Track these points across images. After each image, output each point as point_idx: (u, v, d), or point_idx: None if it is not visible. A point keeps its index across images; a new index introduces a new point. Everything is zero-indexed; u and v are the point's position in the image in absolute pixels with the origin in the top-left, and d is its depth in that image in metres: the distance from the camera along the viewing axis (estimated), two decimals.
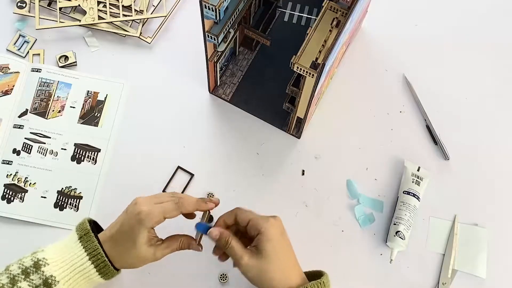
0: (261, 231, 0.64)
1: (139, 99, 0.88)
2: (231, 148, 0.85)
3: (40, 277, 0.63)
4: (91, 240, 0.65)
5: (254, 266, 0.63)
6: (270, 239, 0.63)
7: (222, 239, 0.65)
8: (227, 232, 0.66)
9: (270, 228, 0.64)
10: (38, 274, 0.63)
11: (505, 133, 0.88)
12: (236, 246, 0.64)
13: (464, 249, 0.80)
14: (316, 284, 0.63)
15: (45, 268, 0.63)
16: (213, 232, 0.66)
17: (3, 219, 0.80)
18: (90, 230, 0.66)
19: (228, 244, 0.65)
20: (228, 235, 0.65)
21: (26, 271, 0.63)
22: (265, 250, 0.63)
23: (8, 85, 0.87)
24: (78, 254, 0.64)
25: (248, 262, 0.63)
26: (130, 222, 0.64)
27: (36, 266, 0.63)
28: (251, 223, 0.65)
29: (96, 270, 0.64)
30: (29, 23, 0.92)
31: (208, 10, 0.66)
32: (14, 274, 0.63)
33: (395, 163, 0.85)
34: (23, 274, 0.63)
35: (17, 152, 0.83)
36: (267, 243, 0.63)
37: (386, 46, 0.93)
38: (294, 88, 0.74)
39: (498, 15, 0.96)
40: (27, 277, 0.63)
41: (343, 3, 0.70)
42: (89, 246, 0.64)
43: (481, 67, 0.92)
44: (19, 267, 0.64)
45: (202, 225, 0.67)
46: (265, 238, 0.63)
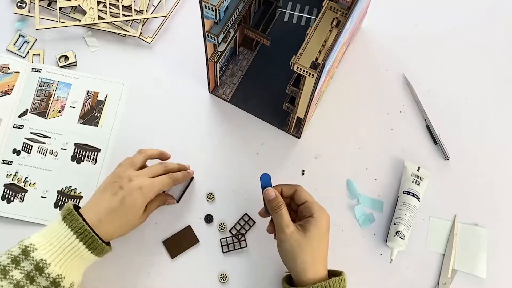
0: (314, 215, 0.68)
1: (139, 99, 0.88)
2: (231, 148, 0.85)
3: (30, 263, 0.63)
4: (75, 219, 0.66)
5: (296, 239, 0.67)
6: (319, 226, 0.67)
7: (275, 202, 0.69)
8: (281, 199, 0.70)
9: (322, 217, 0.68)
10: (28, 260, 0.63)
11: (505, 133, 0.88)
12: (285, 214, 0.68)
13: (464, 249, 0.80)
14: (338, 280, 0.66)
15: (34, 253, 0.64)
16: (270, 192, 0.70)
17: (3, 219, 0.80)
18: (72, 209, 0.67)
19: (279, 209, 0.69)
20: (281, 202, 0.69)
21: (15, 260, 0.63)
22: (310, 232, 0.67)
23: (8, 85, 0.87)
24: (64, 234, 0.65)
25: (292, 234, 0.67)
26: (133, 197, 0.69)
27: (24, 253, 0.64)
28: (307, 204, 0.69)
29: (85, 247, 0.65)
30: (29, 23, 0.92)
31: (208, 10, 0.66)
32: (4, 265, 0.63)
33: (395, 163, 0.85)
34: (13, 263, 0.63)
35: (17, 152, 0.83)
36: (315, 228, 0.67)
37: (386, 46, 0.93)
38: (294, 88, 0.74)
39: (498, 15, 0.96)
40: (18, 265, 0.63)
41: (343, 3, 0.70)
42: (75, 224, 0.65)
43: (481, 67, 0.92)
44: (8, 257, 0.64)
45: (266, 178, 0.71)
46: (315, 223, 0.67)
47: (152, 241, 0.79)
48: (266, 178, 0.71)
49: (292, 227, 0.67)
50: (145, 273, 0.77)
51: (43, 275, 0.63)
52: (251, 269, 0.78)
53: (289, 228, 0.67)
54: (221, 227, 0.80)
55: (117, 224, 0.69)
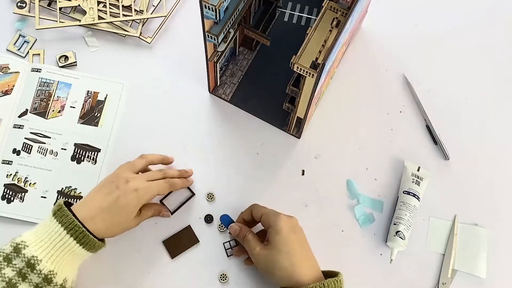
0: (271, 224, 0.70)
1: (139, 99, 0.88)
2: (231, 148, 0.85)
3: (22, 260, 0.63)
4: (65, 215, 0.66)
5: (263, 255, 0.69)
6: (279, 232, 0.68)
7: (241, 234, 0.73)
8: (245, 228, 0.74)
9: (279, 223, 0.69)
10: (20, 257, 0.63)
11: (505, 133, 0.88)
12: (252, 239, 0.71)
13: (464, 249, 0.80)
14: (333, 282, 0.66)
15: (25, 250, 0.64)
16: (233, 227, 0.74)
17: (3, 219, 0.80)
18: (62, 205, 0.67)
19: (245, 238, 0.72)
20: (246, 230, 0.73)
21: (7, 258, 0.63)
22: (274, 242, 0.68)
23: (8, 85, 0.87)
24: (55, 230, 0.65)
25: (259, 252, 0.69)
26: (128, 198, 0.69)
27: (16, 251, 0.64)
28: (263, 218, 0.71)
29: (76, 242, 0.65)
30: (29, 23, 0.92)
31: (208, 10, 0.66)
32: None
33: (395, 163, 0.85)
34: (5, 261, 0.63)
35: (17, 152, 0.83)
36: (276, 235, 0.68)
37: (386, 46, 0.93)
38: (294, 88, 0.74)
39: (498, 15, 0.96)
40: (10, 262, 0.63)
41: (343, 3, 0.70)
42: (64, 220, 0.65)
43: (481, 67, 0.92)
44: (0, 255, 0.64)
45: (225, 218, 0.78)
46: (274, 231, 0.69)
47: (152, 241, 0.79)
48: (226, 218, 0.79)
49: (258, 247, 0.70)
50: (145, 273, 0.77)
51: (34, 271, 0.63)
52: (251, 269, 0.78)
53: (255, 249, 0.70)
54: (221, 227, 0.80)
55: (108, 223, 0.68)
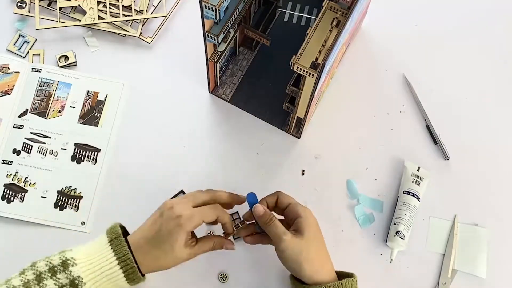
0: (301, 214, 0.67)
1: (139, 99, 0.88)
2: (231, 148, 0.85)
3: (67, 277, 0.62)
4: (121, 245, 0.64)
5: (296, 244, 0.66)
6: (310, 224, 0.67)
7: (266, 216, 0.68)
8: (270, 212, 0.69)
9: (310, 214, 0.68)
10: (66, 273, 0.62)
11: (505, 133, 0.88)
12: (278, 224, 0.67)
13: (464, 249, 0.80)
14: (350, 282, 0.66)
15: (73, 268, 0.62)
16: (258, 208, 0.69)
17: (3, 219, 0.80)
18: (121, 234, 0.65)
19: (271, 221, 0.68)
20: (271, 214, 0.69)
21: (53, 269, 0.62)
22: (307, 232, 0.66)
23: (8, 85, 0.87)
24: (107, 258, 0.63)
25: (291, 240, 0.66)
26: (169, 226, 0.64)
27: (64, 265, 0.62)
28: (291, 207, 0.69)
29: (124, 276, 0.64)
30: (29, 23, 0.92)
31: (208, 10, 0.66)
32: (40, 271, 0.62)
33: (395, 163, 0.85)
34: (49, 272, 0.62)
35: (17, 152, 0.83)
36: (309, 228, 0.66)
37: (386, 46, 0.93)
38: (294, 88, 0.74)
39: (498, 15, 0.96)
40: (54, 275, 0.62)
41: (343, 3, 0.70)
42: (119, 250, 0.64)
43: (481, 67, 0.92)
44: (46, 265, 0.63)
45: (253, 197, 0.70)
46: (306, 223, 0.67)
47: None
48: (252, 196, 0.71)
49: (289, 234, 0.66)
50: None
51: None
52: (251, 268, 0.78)
53: (286, 235, 0.66)
54: None
55: (154, 254, 0.65)
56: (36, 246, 0.78)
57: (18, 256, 0.66)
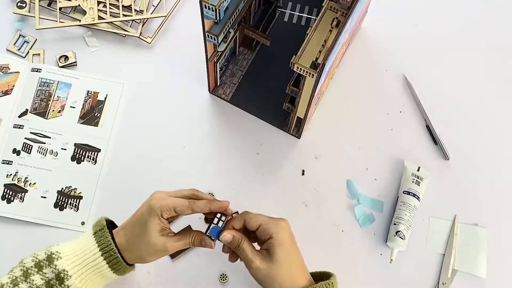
0: (272, 236, 0.64)
1: (139, 99, 0.88)
2: (231, 148, 0.85)
3: (52, 271, 0.63)
4: (104, 236, 0.65)
5: (264, 269, 0.63)
6: (281, 244, 0.64)
7: (235, 242, 0.65)
8: (239, 235, 0.66)
9: (281, 233, 0.64)
10: (51, 267, 0.63)
11: (505, 133, 0.88)
12: (247, 248, 0.65)
13: (464, 249, 0.80)
14: (324, 285, 0.63)
15: (57, 261, 0.63)
16: (226, 236, 0.66)
17: (3, 219, 0.80)
18: (105, 226, 0.66)
19: (239, 247, 0.65)
20: (240, 238, 0.65)
21: (39, 264, 0.63)
22: (276, 255, 0.63)
23: (8, 85, 0.87)
24: (91, 249, 0.64)
25: (259, 266, 0.63)
26: (142, 209, 0.66)
27: (49, 260, 0.63)
28: (262, 228, 0.65)
29: (108, 266, 0.64)
30: (29, 23, 0.92)
31: (208, 10, 0.66)
32: (27, 267, 0.63)
33: (395, 163, 0.85)
34: (36, 267, 0.63)
35: (17, 152, 0.83)
36: (278, 248, 0.63)
37: (386, 46, 0.93)
38: (294, 88, 0.74)
39: (498, 15, 0.96)
40: (40, 270, 0.63)
41: (343, 3, 0.70)
42: (102, 241, 0.64)
43: (481, 67, 0.92)
44: (33, 260, 0.64)
45: (214, 229, 0.67)
46: (276, 243, 0.64)
47: None
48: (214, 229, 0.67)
49: (257, 260, 0.64)
50: (145, 273, 0.77)
51: (62, 286, 0.62)
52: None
53: (254, 262, 0.64)
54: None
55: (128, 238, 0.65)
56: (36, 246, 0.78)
57: (18, 256, 0.66)
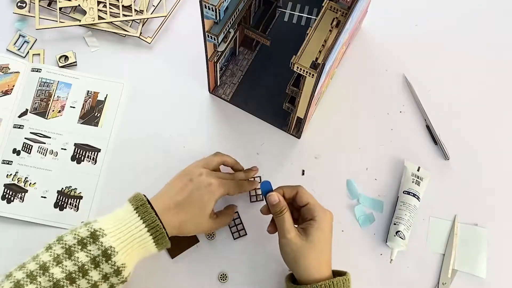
0: (316, 218, 0.67)
1: (139, 99, 0.88)
2: (231, 148, 0.85)
3: (98, 248, 0.62)
4: (148, 211, 0.65)
5: (297, 244, 0.66)
6: (321, 229, 0.66)
7: (278, 207, 0.68)
8: (284, 202, 0.68)
9: (324, 219, 0.67)
10: (96, 244, 0.62)
11: (505, 133, 0.88)
12: (288, 219, 0.67)
13: (464, 249, 0.80)
14: (342, 280, 0.65)
15: (103, 239, 0.63)
16: (273, 197, 0.68)
17: (3, 219, 0.80)
18: (146, 201, 0.66)
19: (282, 213, 0.67)
20: (285, 206, 0.68)
21: (82, 242, 0.62)
22: (312, 236, 0.66)
23: (8, 85, 0.87)
24: (136, 225, 0.64)
25: (293, 239, 0.66)
26: (201, 192, 0.68)
27: (93, 237, 0.63)
28: (309, 207, 0.68)
29: (153, 241, 0.65)
30: (29, 23, 0.92)
31: (208, 10, 0.66)
32: (69, 245, 0.62)
33: (395, 163, 0.85)
34: (79, 245, 0.62)
35: (17, 152, 0.83)
36: (317, 231, 0.66)
37: (386, 46, 0.93)
38: (294, 88, 0.74)
39: (498, 15, 0.96)
40: (84, 247, 0.62)
41: (343, 3, 0.70)
42: (147, 217, 0.64)
43: (481, 67, 0.92)
44: (75, 237, 0.63)
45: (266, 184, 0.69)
46: (317, 226, 0.66)
47: None
48: (267, 184, 0.70)
49: (293, 232, 0.66)
50: (145, 273, 0.77)
51: (109, 262, 0.62)
52: (251, 268, 0.78)
53: (290, 233, 0.66)
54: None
55: (182, 218, 0.67)
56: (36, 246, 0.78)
57: (18, 256, 0.66)
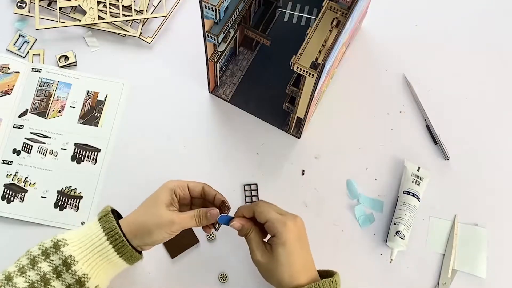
0: (277, 234, 0.65)
1: (139, 99, 0.88)
2: (231, 148, 0.85)
3: (59, 257, 0.63)
4: (109, 220, 0.65)
5: (264, 264, 0.65)
6: (283, 244, 0.64)
7: (244, 230, 0.68)
8: (248, 224, 0.68)
9: (286, 233, 0.64)
10: (58, 254, 0.63)
11: (505, 133, 0.88)
12: (253, 239, 0.67)
13: (464, 249, 0.80)
14: (328, 282, 0.64)
15: (64, 248, 0.63)
16: (235, 224, 0.68)
17: (3, 219, 0.80)
18: (109, 212, 0.66)
19: (248, 236, 0.67)
20: (249, 227, 0.68)
21: (46, 252, 0.63)
22: (276, 253, 0.64)
23: (8, 85, 0.87)
24: (96, 234, 0.65)
25: (259, 259, 0.65)
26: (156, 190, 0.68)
27: (55, 247, 0.64)
28: (268, 224, 0.66)
29: (114, 250, 0.64)
30: (29, 23, 0.92)
31: (208, 10, 0.66)
32: (34, 255, 0.63)
33: (395, 163, 0.85)
34: (43, 255, 0.63)
35: (17, 152, 0.83)
36: (280, 247, 0.64)
37: (386, 46, 0.93)
38: (294, 88, 0.74)
39: (498, 15, 0.96)
40: (47, 257, 0.63)
41: (343, 3, 0.70)
42: (107, 226, 0.65)
43: (481, 67, 0.92)
44: (39, 249, 0.64)
45: (223, 217, 0.69)
46: (279, 242, 0.64)
47: None
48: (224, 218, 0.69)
49: (259, 253, 0.66)
50: (145, 273, 0.77)
51: (69, 271, 0.63)
52: (251, 268, 0.78)
53: (256, 255, 0.66)
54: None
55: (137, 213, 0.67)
56: None
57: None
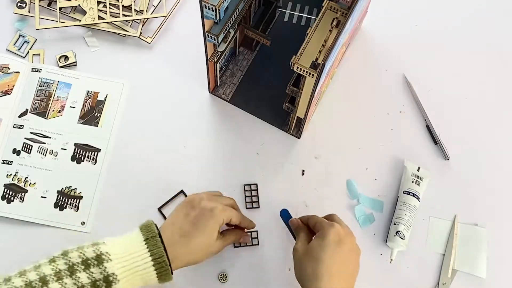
0: (321, 230, 0.69)
1: (139, 99, 0.88)
2: (231, 148, 0.85)
3: (101, 272, 0.61)
4: (157, 245, 0.64)
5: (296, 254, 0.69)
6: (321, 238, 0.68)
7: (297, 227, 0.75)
8: (302, 225, 0.74)
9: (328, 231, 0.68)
10: (100, 268, 0.61)
11: (505, 133, 0.88)
12: (301, 235, 0.72)
13: (464, 249, 0.80)
14: None
15: (107, 264, 0.61)
16: (294, 221, 0.76)
17: (3, 219, 0.80)
18: (157, 235, 0.65)
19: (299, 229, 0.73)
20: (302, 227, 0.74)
21: (86, 262, 0.61)
22: (311, 245, 0.68)
23: (8, 85, 0.87)
24: (142, 257, 0.63)
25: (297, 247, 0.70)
26: (205, 218, 0.67)
27: (98, 260, 0.61)
28: (317, 224, 0.71)
29: (156, 276, 0.64)
30: (29, 23, 0.92)
31: (208, 10, 0.66)
32: (73, 262, 0.61)
33: (395, 163, 0.85)
34: (83, 265, 0.61)
35: (17, 152, 0.83)
36: (317, 240, 0.68)
37: (386, 46, 0.93)
38: (294, 88, 0.74)
39: (498, 15, 0.96)
40: (87, 268, 0.61)
41: (343, 3, 0.70)
42: (155, 251, 0.63)
43: (481, 67, 0.92)
44: (80, 256, 0.62)
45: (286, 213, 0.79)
46: (319, 236, 0.68)
47: None
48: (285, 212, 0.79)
49: (299, 243, 0.70)
50: None
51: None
52: (251, 268, 0.78)
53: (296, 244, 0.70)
54: None
55: (190, 250, 0.66)
56: (36, 246, 0.78)
57: (18, 256, 0.66)
